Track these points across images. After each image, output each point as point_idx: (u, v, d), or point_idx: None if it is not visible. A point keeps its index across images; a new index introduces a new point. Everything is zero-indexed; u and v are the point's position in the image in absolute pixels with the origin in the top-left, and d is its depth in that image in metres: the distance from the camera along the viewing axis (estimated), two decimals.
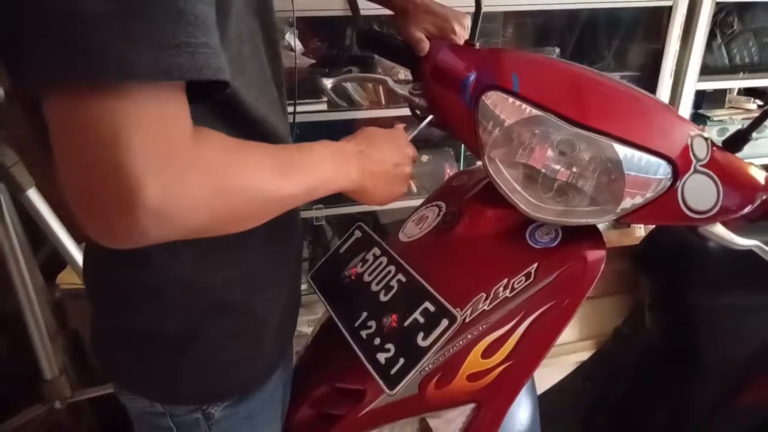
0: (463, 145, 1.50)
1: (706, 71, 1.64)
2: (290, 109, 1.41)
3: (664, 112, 0.62)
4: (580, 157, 0.60)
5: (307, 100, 1.45)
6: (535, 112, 0.60)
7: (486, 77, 0.64)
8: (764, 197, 0.65)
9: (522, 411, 0.76)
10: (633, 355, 1.20)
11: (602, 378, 1.24)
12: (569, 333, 1.83)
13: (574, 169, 0.60)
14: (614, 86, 0.62)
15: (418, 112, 0.76)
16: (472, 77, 0.65)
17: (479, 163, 0.68)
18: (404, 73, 1.24)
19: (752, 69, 1.74)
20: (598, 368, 1.27)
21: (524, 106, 0.60)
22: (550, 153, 0.61)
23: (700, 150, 0.61)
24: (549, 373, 1.13)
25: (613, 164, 0.58)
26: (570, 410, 1.24)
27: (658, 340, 1.11)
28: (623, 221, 0.61)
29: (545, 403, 0.85)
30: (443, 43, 0.73)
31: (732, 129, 1.82)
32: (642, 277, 1.14)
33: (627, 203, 0.59)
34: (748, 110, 1.80)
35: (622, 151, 0.58)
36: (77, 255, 1.11)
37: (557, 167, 0.61)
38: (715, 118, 1.75)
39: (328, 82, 0.78)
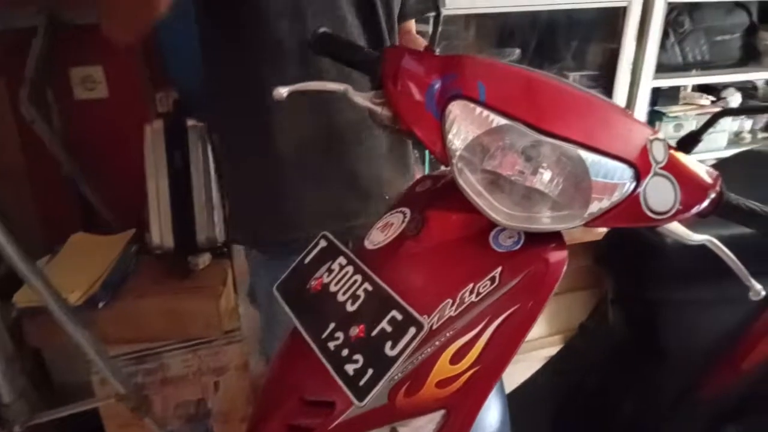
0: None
1: (661, 69, 1.69)
2: None
3: (624, 117, 0.63)
4: (547, 164, 0.60)
5: None
6: (503, 121, 0.60)
7: (451, 86, 0.64)
8: (713, 195, 0.67)
9: (491, 412, 0.77)
10: (599, 350, 1.23)
11: (570, 373, 1.26)
12: (538, 329, 1.86)
13: (541, 176, 0.61)
14: (577, 93, 0.63)
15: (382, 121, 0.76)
16: (437, 86, 0.65)
17: (443, 167, 0.68)
18: None
19: (704, 66, 1.80)
20: (566, 363, 1.29)
21: (491, 115, 0.61)
22: (517, 160, 0.61)
23: (659, 153, 0.62)
24: (519, 369, 1.14)
25: (580, 170, 0.59)
26: (541, 406, 1.26)
27: (622, 334, 1.14)
28: (590, 227, 0.62)
29: (516, 400, 0.86)
30: (404, 50, 0.73)
31: (686, 124, 1.89)
32: (604, 273, 1.17)
33: (594, 207, 0.60)
34: (702, 106, 1.86)
35: (589, 157, 0.59)
36: (33, 273, 1.07)
37: (524, 174, 0.61)
38: (671, 115, 1.80)
39: (283, 91, 0.77)
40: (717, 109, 1.89)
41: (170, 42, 1.48)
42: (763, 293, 0.70)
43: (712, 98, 1.90)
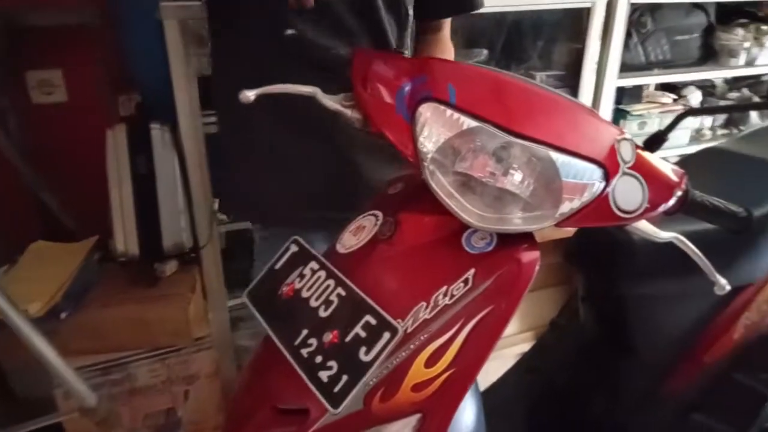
0: None
1: (625, 69, 1.73)
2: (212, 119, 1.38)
3: (592, 118, 0.64)
4: (518, 165, 0.61)
5: None
6: (474, 123, 0.60)
7: (421, 89, 0.64)
8: (680, 193, 0.69)
9: (466, 412, 0.77)
10: (570, 346, 1.25)
11: (542, 370, 1.28)
12: (509, 326, 1.87)
13: (512, 177, 0.61)
14: (545, 93, 0.64)
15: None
16: (407, 88, 0.65)
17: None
18: None
19: (665, 65, 1.85)
20: (538, 360, 1.31)
21: (462, 117, 0.61)
22: (488, 161, 0.61)
23: (626, 153, 0.63)
24: (492, 367, 1.14)
25: (550, 171, 0.60)
26: (514, 404, 1.26)
27: (592, 331, 1.15)
28: (560, 227, 0.63)
29: (490, 399, 0.86)
30: (373, 52, 0.73)
31: (650, 122, 1.94)
32: (574, 270, 1.18)
33: (565, 208, 0.61)
34: (664, 104, 1.91)
35: (559, 158, 0.59)
36: None
37: (495, 175, 0.61)
38: (635, 113, 1.84)
39: (250, 94, 0.75)
40: (678, 107, 1.96)
41: (132, 44, 1.44)
42: (728, 288, 0.71)
43: (673, 96, 1.96)
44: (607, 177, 0.62)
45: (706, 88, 2.14)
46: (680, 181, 0.69)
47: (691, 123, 1.96)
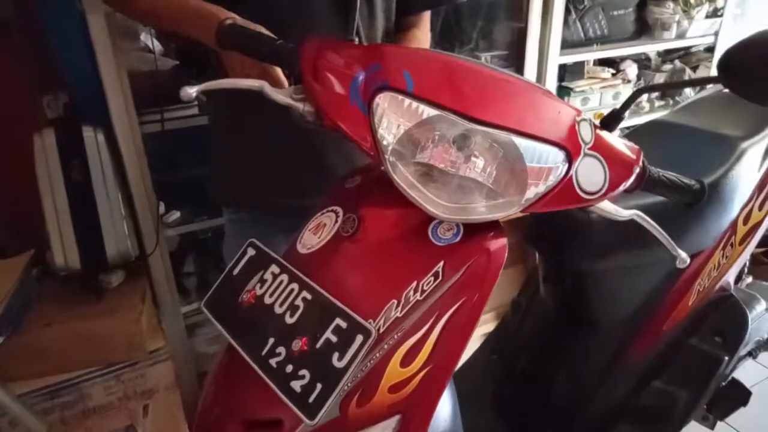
0: None
1: (565, 45, 1.75)
2: (157, 117, 1.30)
3: (550, 99, 0.63)
4: (479, 152, 0.59)
5: (173, 106, 1.34)
6: (434, 112, 0.58)
7: (376, 77, 0.61)
8: (638, 170, 0.69)
9: (443, 405, 0.75)
10: (531, 325, 1.26)
11: (507, 350, 1.29)
12: None
13: (474, 164, 0.59)
14: (502, 77, 0.62)
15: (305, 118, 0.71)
16: (361, 77, 0.62)
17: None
18: None
19: (603, 41, 1.88)
20: (501, 342, 1.32)
21: (421, 106, 0.58)
22: (449, 150, 0.59)
23: (586, 133, 0.62)
24: None
25: (514, 157, 0.58)
26: (482, 386, 1.27)
27: (553, 309, 1.17)
28: (527, 212, 0.62)
29: (458, 383, 0.86)
30: (322, 41, 0.69)
31: (592, 98, 1.98)
32: (533, 250, 1.19)
33: (530, 193, 0.60)
34: (604, 79, 1.96)
35: (522, 143, 0.58)
36: None
37: (458, 164, 0.59)
38: (578, 89, 1.88)
39: (191, 91, 0.70)
40: (618, 82, 2.01)
41: (59, 41, 1.33)
42: (688, 260, 0.73)
43: (612, 71, 2.01)
44: (570, 159, 0.61)
45: (642, 61, 2.20)
46: (637, 157, 0.70)
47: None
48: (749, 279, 1.46)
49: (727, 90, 0.68)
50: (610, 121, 0.69)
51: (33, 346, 1.22)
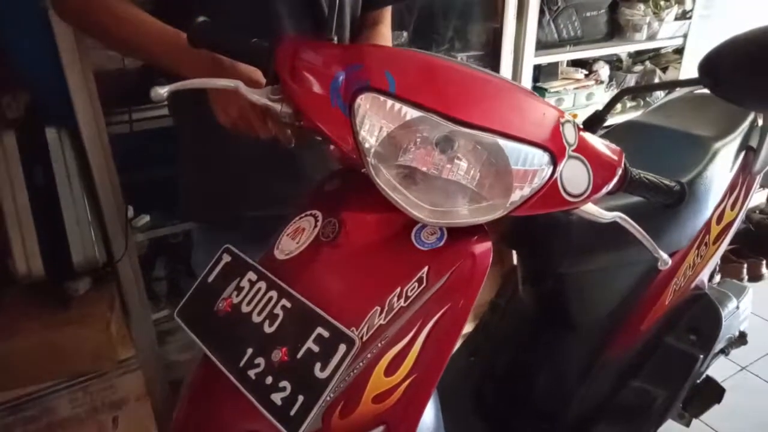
0: None
1: (540, 46, 1.76)
2: (125, 117, 1.26)
3: (534, 100, 0.62)
4: (463, 154, 0.58)
5: (142, 106, 1.29)
6: (417, 113, 0.56)
7: (358, 78, 0.59)
8: (620, 172, 0.69)
9: (427, 414, 0.74)
10: (510, 326, 1.26)
11: (485, 351, 1.28)
12: None
13: (458, 167, 0.58)
14: (485, 77, 0.61)
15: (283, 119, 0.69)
16: (341, 78, 0.60)
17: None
18: None
19: (576, 42, 1.90)
20: (480, 343, 1.31)
21: (404, 108, 0.57)
22: (432, 152, 0.58)
23: (570, 135, 0.62)
24: None
25: (499, 159, 0.57)
26: (461, 387, 1.27)
27: (532, 310, 1.17)
28: (512, 215, 0.61)
29: (439, 385, 0.85)
30: (298, 40, 0.67)
31: (567, 98, 1.99)
32: (512, 251, 1.19)
33: (516, 196, 0.59)
34: (578, 80, 1.97)
35: (507, 145, 0.57)
36: None
37: (441, 166, 0.58)
38: (552, 90, 1.89)
39: (162, 91, 0.67)
40: (591, 83, 2.03)
41: (18, 38, 1.27)
42: (669, 262, 0.73)
43: (585, 72, 2.03)
44: (555, 161, 0.60)
45: (614, 62, 2.23)
46: (619, 159, 0.69)
47: (601, 97, 2.04)
48: (718, 277, 1.49)
49: (699, 91, 0.68)
50: (592, 122, 0.69)
51: None
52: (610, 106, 0.68)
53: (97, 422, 1.26)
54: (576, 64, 2.06)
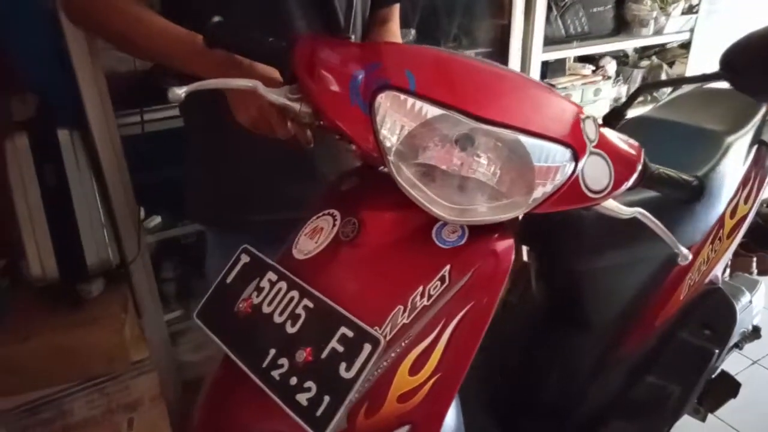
0: None
1: (547, 42, 1.75)
2: (136, 118, 1.26)
3: (554, 97, 0.61)
4: (483, 152, 0.57)
5: (154, 107, 1.29)
6: (438, 111, 0.56)
7: (378, 77, 0.59)
8: (639, 167, 0.69)
9: (449, 413, 0.74)
10: (522, 323, 1.25)
11: (495, 348, 1.28)
12: None
13: (479, 165, 0.58)
14: (505, 74, 0.60)
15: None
16: (361, 77, 0.60)
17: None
18: None
19: (583, 38, 1.89)
20: (489, 339, 1.31)
21: (424, 106, 0.56)
22: (453, 150, 0.57)
23: (591, 131, 0.61)
24: None
25: (520, 156, 0.57)
26: (470, 385, 1.26)
27: (545, 307, 1.16)
28: (533, 212, 0.60)
29: None
30: (317, 39, 0.66)
31: (574, 94, 1.99)
32: (526, 249, 1.18)
33: (538, 193, 0.58)
34: (585, 76, 1.97)
35: (529, 142, 0.56)
36: None
37: (462, 164, 0.58)
38: (560, 86, 1.88)
39: (180, 91, 0.67)
40: (598, 78, 2.03)
41: (25, 39, 1.27)
42: (690, 257, 0.73)
43: (592, 67, 2.02)
44: (576, 158, 0.60)
45: (620, 58, 2.22)
46: (638, 155, 0.69)
47: (609, 93, 2.04)
48: (728, 271, 1.49)
49: (707, 86, 0.68)
50: (612, 118, 0.68)
51: (9, 362, 1.16)
52: (630, 102, 0.68)
53: (112, 424, 1.26)
54: (583, 59, 2.05)
